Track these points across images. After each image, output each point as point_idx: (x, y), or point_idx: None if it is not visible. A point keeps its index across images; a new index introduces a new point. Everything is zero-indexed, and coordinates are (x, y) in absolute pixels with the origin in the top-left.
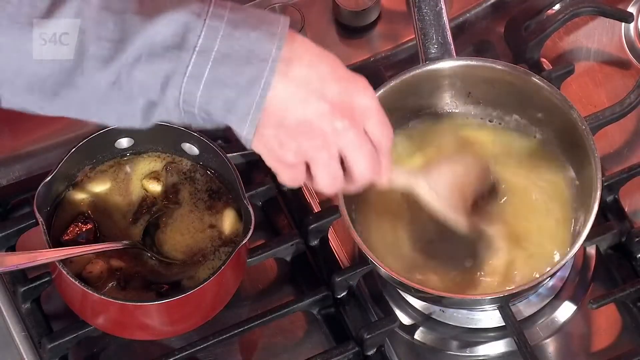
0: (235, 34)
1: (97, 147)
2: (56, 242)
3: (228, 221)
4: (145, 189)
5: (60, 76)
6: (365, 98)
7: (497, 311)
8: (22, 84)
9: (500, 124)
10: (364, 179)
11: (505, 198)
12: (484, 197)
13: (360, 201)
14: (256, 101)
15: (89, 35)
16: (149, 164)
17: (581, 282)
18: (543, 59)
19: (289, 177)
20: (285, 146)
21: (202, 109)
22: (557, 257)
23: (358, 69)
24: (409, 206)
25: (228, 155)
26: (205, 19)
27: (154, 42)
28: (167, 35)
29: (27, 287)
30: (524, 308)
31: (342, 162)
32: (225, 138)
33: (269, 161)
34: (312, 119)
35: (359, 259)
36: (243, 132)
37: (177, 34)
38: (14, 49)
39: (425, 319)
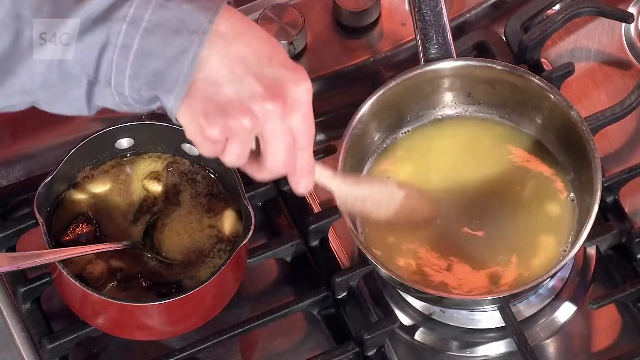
0: (168, 4)
1: (98, 147)
2: (56, 242)
3: (228, 221)
4: (145, 190)
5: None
6: (301, 89)
7: (497, 312)
8: None
9: (500, 124)
10: (275, 169)
11: (505, 198)
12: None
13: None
14: (183, 73)
15: (25, 20)
16: (149, 164)
17: (581, 283)
18: (543, 59)
19: (209, 150)
20: (210, 121)
21: (131, 85)
22: (557, 258)
23: (358, 69)
24: (410, 206)
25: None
26: None
27: (87, 17)
28: (100, 8)
29: (27, 288)
30: (524, 308)
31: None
32: None
33: (192, 134)
34: (243, 98)
35: (359, 259)
36: (169, 104)
37: (109, 6)
38: None
39: (425, 320)
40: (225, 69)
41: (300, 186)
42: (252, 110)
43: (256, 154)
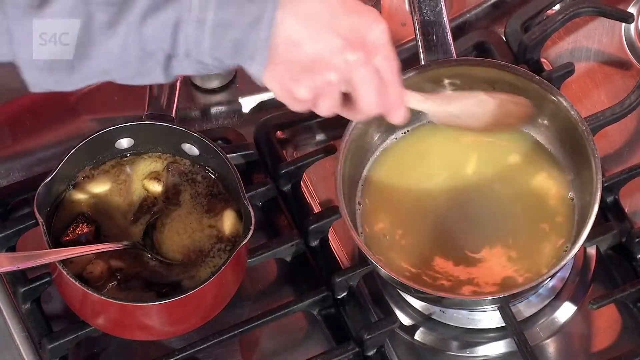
0: None
1: (98, 147)
2: (56, 242)
3: (228, 222)
4: (146, 189)
5: (75, 51)
6: (376, 31)
7: (498, 312)
8: (41, 66)
9: None
10: (370, 111)
11: (505, 198)
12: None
13: (365, 202)
14: (262, 38)
15: (94, 3)
16: (149, 164)
17: (581, 283)
18: (543, 59)
19: (301, 108)
20: (298, 81)
21: (212, 55)
22: (557, 258)
23: None
24: (411, 207)
25: (228, 155)
26: None
27: None
28: None
29: (27, 288)
30: (524, 308)
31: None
32: (226, 139)
33: (281, 96)
34: (324, 54)
35: (359, 259)
36: (253, 70)
37: None
38: (27, 34)
39: (425, 320)
40: (301, 27)
41: (395, 118)
42: (335, 64)
43: (347, 98)
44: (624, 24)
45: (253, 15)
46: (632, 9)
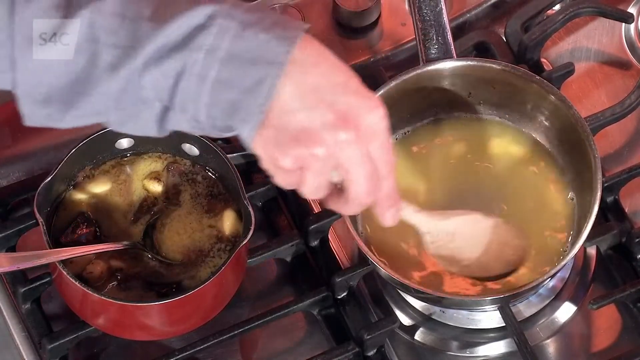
0: (244, 34)
1: (98, 147)
2: (56, 242)
3: (228, 222)
4: (146, 190)
5: (74, 86)
6: (375, 117)
7: (498, 312)
8: (39, 97)
9: (500, 124)
10: (360, 199)
11: (505, 198)
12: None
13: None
14: (259, 103)
15: (101, 43)
16: (149, 164)
17: (581, 283)
18: (543, 60)
19: (284, 180)
20: (283, 150)
21: (207, 112)
22: (557, 258)
23: (358, 69)
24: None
25: (228, 155)
26: (217, 19)
27: (164, 45)
28: (177, 36)
29: (27, 288)
30: (524, 308)
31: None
32: (226, 139)
33: (266, 164)
34: (315, 127)
35: (359, 259)
36: (244, 134)
37: (186, 34)
38: (30, 63)
39: (425, 320)
40: (299, 98)
41: (387, 218)
42: (324, 139)
43: (340, 190)
44: (624, 24)
45: (254, 78)
46: (632, 9)
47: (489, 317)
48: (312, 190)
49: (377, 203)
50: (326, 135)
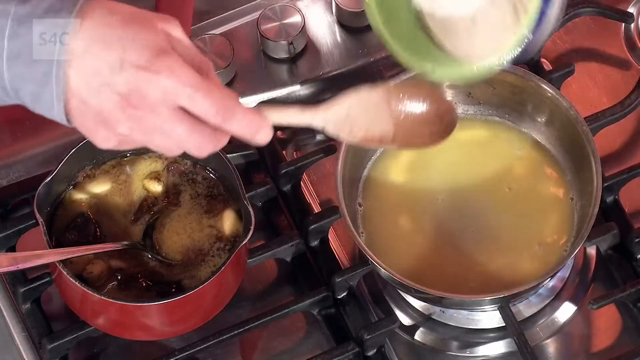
0: (20, 31)
1: (98, 147)
2: (56, 242)
3: (228, 222)
4: (146, 190)
5: None
6: (157, 83)
7: (498, 312)
8: None
9: (500, 124)
10: (198, 153)
11: (505, 198)
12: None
13: (365, 202)
14: (55, 93)
15: None
16: (149, 164)
17: (581, 283)
18: (543, 60)
19: (130, 147)
20: (94, 133)
21: (19, 100)
22: (557, 258)
23: (358, 69)
24: (412, 207)
25: (228, 155)
26: None
27: None
28: None
29: (27, 288)
30: (524, 308)
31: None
32: None
33: (93, 141)
34: (109, 110)
35: (359, 259)
36: (57, 119)
37: None
38: None
39: (425, 320)
40: (84, 84)
41: (257, 142)
42: (120, 118)
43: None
44: (624, 24)
45: (41, 72)
46: (632, 9)
47: (489, 317)
48: (170, 150)
49: (239, 136)
50: (120, 115)
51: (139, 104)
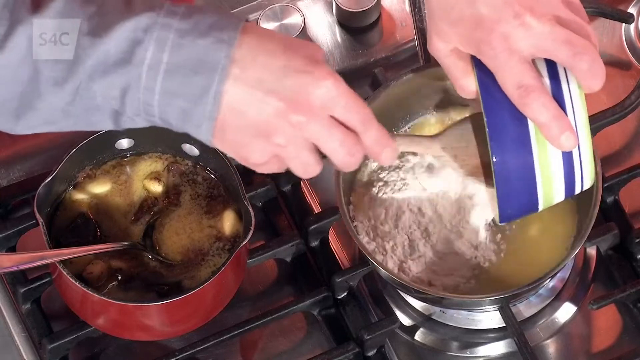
0: (183, 43)
1: (98, 147)
2: (56, 242)
3: (228, 222)
4: (146, 190)
5: (20, 100)
6: (322, 89)
7: (498, 312)
8: None
9: None
10: (344, 162)
11: None
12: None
13: (356, 201)
14: (209, 110)
15: (41, 62)
16: (149, 164)
17: (581, 283)
18: None
19: (268, 170)
20: (249, 147)
21: (161, 118)
22: (557, 258)
23: (358, 69)
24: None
25: (228, 155)
26: (153, 32)
27: (105, 59)
28: (117, 52)
29: (27, 288)
30: (525, 309)
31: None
32: None
33: (238, 160)
34: (269, 119)
35: (359, 259)
36: (202, 138)
37: (126, 50)
38: None
39: (425, 320)
40: (246, 95)
41: (383, 160)
42: (280, 127)
43: None
44: (624, 24)
45: (199, 86)
46: (632, 10)
47: (489, 318)
48: (301, 171)
49: (368, 153)
50: (281, 123)
51: (302, 108)
